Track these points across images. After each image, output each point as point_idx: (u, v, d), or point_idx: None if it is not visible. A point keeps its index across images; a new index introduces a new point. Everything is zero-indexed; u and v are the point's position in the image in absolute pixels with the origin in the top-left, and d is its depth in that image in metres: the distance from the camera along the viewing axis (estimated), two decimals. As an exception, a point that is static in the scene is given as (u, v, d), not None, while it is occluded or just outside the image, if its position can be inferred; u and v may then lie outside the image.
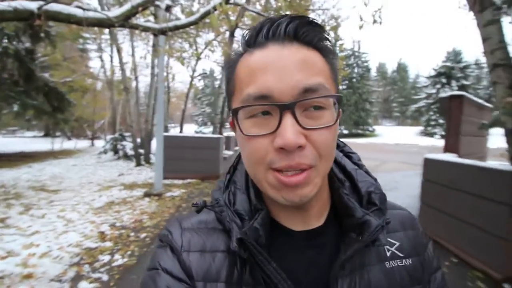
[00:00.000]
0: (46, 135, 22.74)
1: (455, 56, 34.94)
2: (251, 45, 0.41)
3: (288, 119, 0.36)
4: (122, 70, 10.69)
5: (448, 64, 33.69)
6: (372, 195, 0.47)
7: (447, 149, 4.34)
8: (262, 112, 0.39)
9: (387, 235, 0.48)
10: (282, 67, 0.37)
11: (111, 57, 13.19)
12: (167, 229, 0.48)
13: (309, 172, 0.38)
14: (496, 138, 4.66)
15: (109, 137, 13.89)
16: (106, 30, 9.39)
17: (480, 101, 5.58)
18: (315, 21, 0.41)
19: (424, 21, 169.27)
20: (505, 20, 3.30)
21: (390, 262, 0.47)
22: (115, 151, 12.40)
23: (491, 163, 4.18)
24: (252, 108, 0.39)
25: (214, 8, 3.63)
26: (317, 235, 0.46)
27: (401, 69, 61.13)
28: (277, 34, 0.39)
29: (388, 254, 0.47)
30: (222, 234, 0.46)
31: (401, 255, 0.48)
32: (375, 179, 0.50)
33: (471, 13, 3.35)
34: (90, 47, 15.72)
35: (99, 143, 20.28)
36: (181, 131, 15.68)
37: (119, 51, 10.62)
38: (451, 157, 3.77)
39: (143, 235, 3.90)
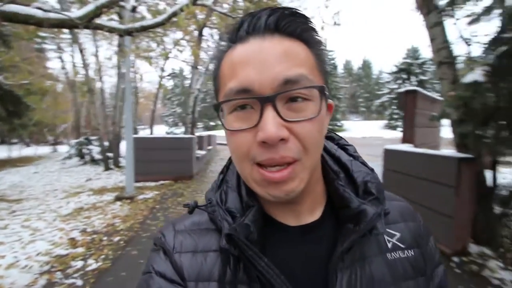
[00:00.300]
0: (2, 142, 21.07)
1: (413, 53, 37.21)
2: (233, 41, 0.41)
3: (269, 112, 0.36)
4: (86, 70, 10.23)
5: (408, 60, 35.84)
6: (369, 184, 0.46)
7: (404, 140, 4.73)
8: (244, 106, 0.38)
9: (387, 227, 0.47)
10: (263, 59, 0.37)
11: (72, 57, 12.48)
12: (161, 232, 0.48)
13: (294, 167, 0.37)
14: (448, 128, 5.10)
15: (73, 141, 13.19)
16: (66, 29, 8.91)
17: (433, 94, 6.10)
18: (298, 11, 0.40)
19: (387, 19, 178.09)
20: (448, 22, 3.67)
21: (392, 253, 0.45)
22: (81, 156, 11.85)
23: (443, 151, 4.61)
24: (233, 102, 0.38)
25: (181, 9, 3.65)
26: (313, 229, 0.45)
27: (366, 66, 64.01)
28: (257, 28, 0.39)
29: (390, 245, 0.46)
30: (215, 234, 0.45)
31: (402, 246, 0.47)
32: (372, 169, 0.49)
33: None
34: (48, 47, 14.73)
35: (63, 149, 19.25)
36: (151, 133, 15.32)
37: (81, 51, 10.13)
38: (407, 147, 4.12)
39: (116, 238, 3.84)
